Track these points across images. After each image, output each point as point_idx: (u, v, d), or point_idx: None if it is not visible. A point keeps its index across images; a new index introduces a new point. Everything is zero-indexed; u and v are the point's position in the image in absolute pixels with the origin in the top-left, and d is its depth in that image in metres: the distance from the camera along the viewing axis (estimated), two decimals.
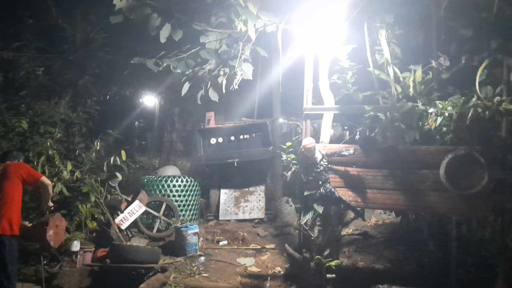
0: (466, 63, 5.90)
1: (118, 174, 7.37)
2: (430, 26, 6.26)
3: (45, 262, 6.26)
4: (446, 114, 5.20)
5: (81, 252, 6.62)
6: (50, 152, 6.94)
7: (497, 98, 5.07)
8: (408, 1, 6.12)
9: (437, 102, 5.29)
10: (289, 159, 6.19)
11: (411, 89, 5.88)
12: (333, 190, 5.61)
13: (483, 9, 5.73)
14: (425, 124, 5.51)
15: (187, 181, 9.38)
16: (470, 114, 5.06)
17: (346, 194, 5.73)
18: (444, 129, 5.57)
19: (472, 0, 5.85)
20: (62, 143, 8.06)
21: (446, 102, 5.23)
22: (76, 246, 6.57)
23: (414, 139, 5.69)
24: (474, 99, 5.09)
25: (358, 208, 5.88)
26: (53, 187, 6.65)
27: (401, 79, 5.97)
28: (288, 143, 6.31)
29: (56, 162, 6.91)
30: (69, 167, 6.96)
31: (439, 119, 5.20)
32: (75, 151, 7.88)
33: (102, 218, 7.20)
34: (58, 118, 8.33)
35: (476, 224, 6.15)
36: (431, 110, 5.28)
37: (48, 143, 7.16)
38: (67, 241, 6.53)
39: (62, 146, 7.84)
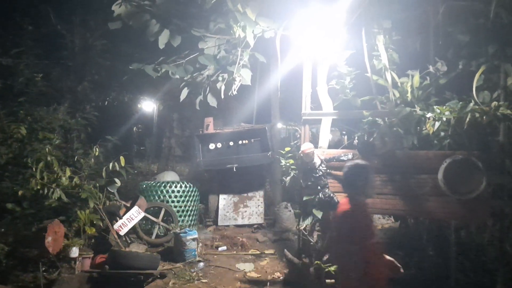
0: (464, 68, 5.94)
1: (116, 180, 7.36)
2: (428, 32, 6.30)
3: (43, 268, 6.24)
4: (444, 119, 5.22)
5: (79, 258, 6.60)
6: (48, 158, 6.92)
7: (495, 103, 5.08)
8: (406, 7, 6.17)
9: (435, 107, 5.32)
10: (287, 164, 6.20)
11: (409, 94, 5.91)
12: (332, 195, 5.62)
13: (480, 15, 5.77)
14: (423, 129, 5.53)
15: (186, 186, 9.37)
16: (467, 119, 5.07)
17: None
18: (442, 134, 5.58)
19: (469, 6, 5.89)
20: (61, 149, 8.06)
21: (444, 107, 5.26)
22: (74, 252, 6.55)
23: (412, 144, 5.70)
24: (471, 104, 5.11)
25: None
26: (52, 193, 6.67)
27: (399, 84, 6.01)
28: (287, 148, 6.32)
29: (55, 168, 6.89)
30: (68, 173, 6.94)
31: (437, 124, 5.22)
32: (73, 157, 7.87)
33: (101, 224, 7.18)
34: (57, 124, 8.34)
35: (475, 229, 6.16)
36: (429, 115, 5.31)
37: (47, 149, 7.14)
38: (66, 248, 6.51)
39: (60, 152, 7.83)
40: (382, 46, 5.92)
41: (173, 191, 9.18)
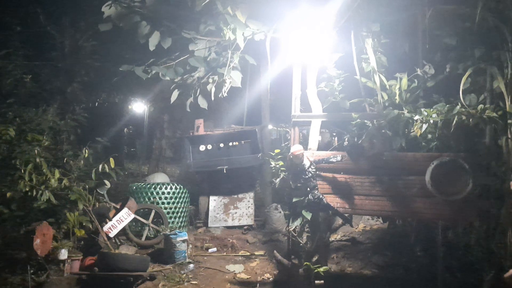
0: (451, 71, 6.02)
1: (106, 182, 7.34)
2: (416, 35, 6.37)
3: (32, 271, 6.21)
4: (431, 121, 5.30)
5: (68, 260, 6.57)
6: (37, 160, 6.89)
7: (481, 106, 5.17)
8: (394, 10, 6.23)
9: (422, 109, 5.39)
10: (277, 166, 6.23)
11: (397, 97, 5.98)
12: (321, 196, 5.66)
13: (467, 18, 5.85)
14: (411, 131, 5.59)
15: (176, 188, 9.36)
16: (454, 122, 5.16)
17: (334, 201, 5.78)
18: (430, 136, 5.65)
19: (455, 9, 5.97)
20: (50, 151, 8.00)
21: (431, 109, 5.33)
22: (63, 254, 6.53)
23: (400, 146, 5.77)
24: (458, 107, 5.20)
25: (346, 214, 5.92)
26: (41, 195, 6.63)
27: (388, 87, 6.06)
28: (277, 150, 6.35)
29: (44, 170, 6.85)
30: (57, 175, 6.91)
31: (424, 126, 5.29)
32: (63, 159, 7.83)
33: (90, 226, 7.15)
34: (46, 126, 8.28)
35: (461, 230, 6.23)
36: (416, 117, 5.38)
37: (36, 151, 7.10)
38: (55, 250, 6.49)
39: (50, 154, 7.77)
40: (370, 49, 5.97)
41: (163, 193, 9.17)
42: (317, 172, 5.80)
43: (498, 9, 5.54)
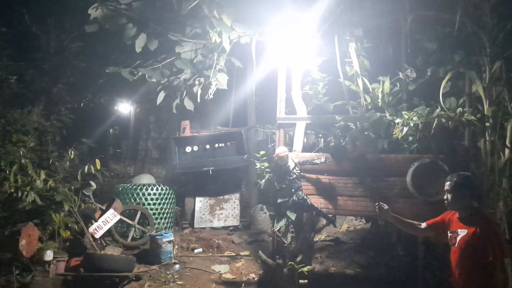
0: (432, 75, 6.18)
1: (92, 183, 7.32)
2: (398, 40, 6.52)
3: (17, 272, 6.18)
4: (412, 124, 5.43)
5: (54, 261, 6.56)
6: (23, 161, 6.86)
7: (460, 109, 5.33)
8: (376, 15, 6.37)
9: (403, 112, 5.52)
10: (263, 167, 6.31)
11: (379, 100, 6.11)
12: (305, 197, 5.76)
13: (446, 24, 6.03)
14: (393, 133, 5.73)
15: (162, 189, 9.38)
16: (434, 124, 5.30)
17: (318, 201, 5.89)
18: (411, 138, 5.79)
19: (436, 15, 6.14)
20: (35, 152, 7.97)
21: (412, 112, 5.46)
22: (49, 255, 6.52)
23: (382, 148, 5.89)
24: (438, 110, 5.34)
25: (330, 215, 6.03)
26: (26, 196, 6.61)
27: (370, 90, 6.19)
28: (262, 152, 6.44)
29: (29, 171, 6.82)
30: (43, 176, 6.88)
31: (405, 129, 5.42)
32: (48, 160, 7.80)
33: (76, 227, 7.14)
34: (31, 127, 8.24)
35: None
36: (398, 120, 5.51)
37: (21, 152, 7.07)
38: (40, 251, 6.47)
39: (35, 155, 7.75)
40: (354, 53, 6.10)
41: (149, 194, 9.18)
42: (302, 173, 5.91)
43: (476, 15, 5.72)
